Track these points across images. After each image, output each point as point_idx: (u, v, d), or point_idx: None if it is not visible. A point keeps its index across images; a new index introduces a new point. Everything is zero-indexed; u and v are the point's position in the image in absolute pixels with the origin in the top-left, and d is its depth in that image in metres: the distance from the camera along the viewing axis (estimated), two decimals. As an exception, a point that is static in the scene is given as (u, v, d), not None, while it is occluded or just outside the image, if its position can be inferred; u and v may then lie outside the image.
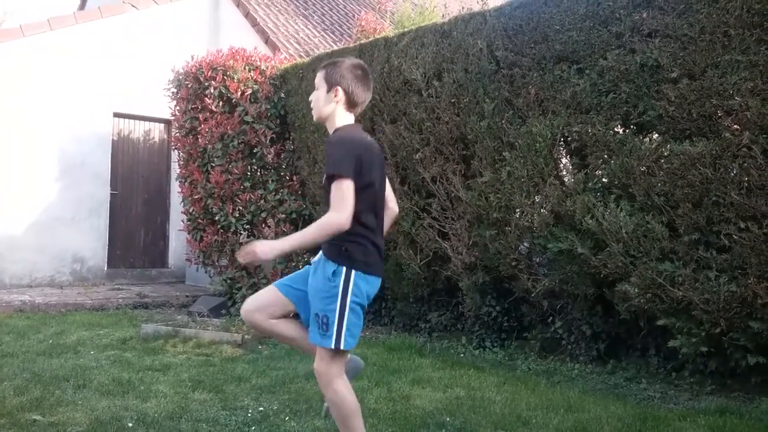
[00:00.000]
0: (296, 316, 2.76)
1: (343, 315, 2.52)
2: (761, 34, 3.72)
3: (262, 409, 3.63)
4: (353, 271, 2.53)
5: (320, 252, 2.67)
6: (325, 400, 2.69)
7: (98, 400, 3.73)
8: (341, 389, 2.55)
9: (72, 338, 5.44)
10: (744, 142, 3.73)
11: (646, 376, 4.46)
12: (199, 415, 3.51)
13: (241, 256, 2.50)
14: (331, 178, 2.48)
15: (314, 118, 2.78)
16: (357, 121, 2.75)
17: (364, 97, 2.70)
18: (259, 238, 6.86)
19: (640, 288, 4.16)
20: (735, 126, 3.82)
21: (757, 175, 3.68)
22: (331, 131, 2.69)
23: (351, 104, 2.68)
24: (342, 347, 2.51)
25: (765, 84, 3.69)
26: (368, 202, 2.57)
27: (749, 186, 3.73)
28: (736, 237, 3.76)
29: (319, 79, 2.71)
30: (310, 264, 2.76)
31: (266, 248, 2.46)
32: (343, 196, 2.44)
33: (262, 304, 2.75)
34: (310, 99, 2.81)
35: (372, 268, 2.60)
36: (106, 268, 9.15)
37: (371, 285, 2.61)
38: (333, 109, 2.67)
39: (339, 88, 2.65)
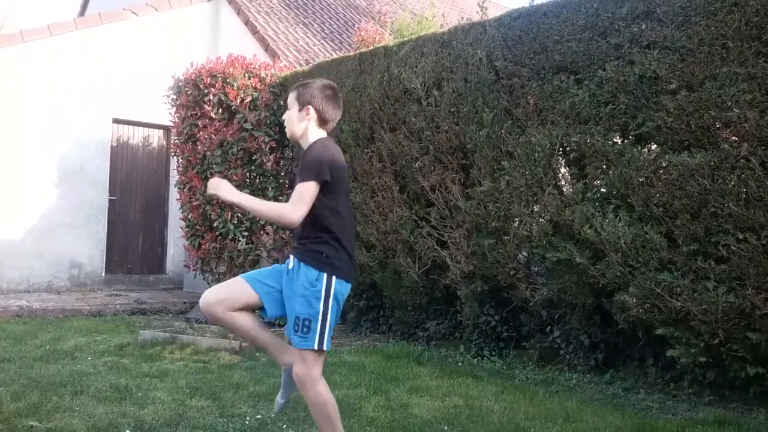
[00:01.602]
0: (260, 312, 2.84)
1: (326, 318, 2.65)
2: (759, 46, 3.74)
3: (259, 416, 3.63)
4: (334, 278, 2.67)
5: (292, 257, 2.77)
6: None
7: (95, 406, 3.72)
8: (323, 390, 2.67)
9: (69, 344, 5.43)
10: (742, 153, 3.75)
11: (644, 386, 4.46)
12: (197, 422, 3.50)
13: (209, 187, 2.66)
14: (302, 179, 2.64)
15: (288, 135, 2.93)
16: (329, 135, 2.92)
17: (334, 115, 2.87)
18: (257, 245, 6.87)
19: (639, 298, 4.17)
20: (733, 137, 3.84)
21: (755, 186, 3.70)
22: (305, 146, 2.83)
23: (322, 122, 2.84)
24: (324, 348, 2.65)
25: (763, 96, 3.72)
26: (347, 210, 2.75)
27: (747, 197, 3.74)
28: (734, 248, 3.77)
29: (292, 99, 2.87)
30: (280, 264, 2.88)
31: (229, 191, 2.63)
32: (306, 196, 2.62)
33: (225, 296, 2.78)
34: (283, 118, 2.96)
35: (348, 275, 2.74)
36: (103, 274, 9.13)
37: (346, 289, 2.75)
38: (305, 126, 2.83)
39: (310, 107, 2.81)
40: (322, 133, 2.84)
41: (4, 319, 6.56)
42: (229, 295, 2.78)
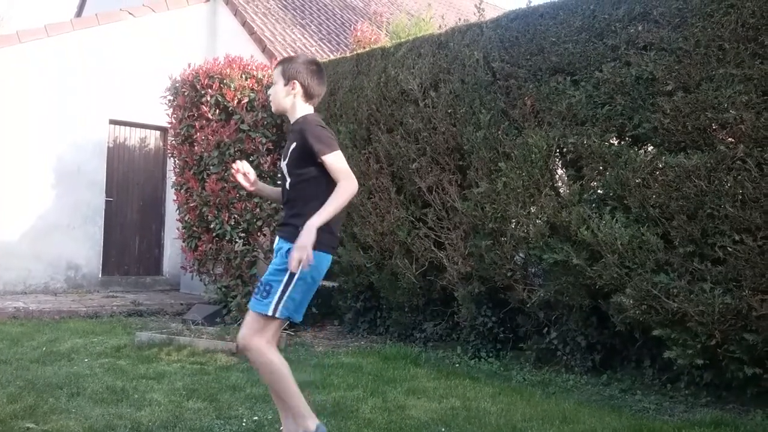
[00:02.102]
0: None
1: (288, 286, 2.70)
2: (755, 48, 3.75)
3: (256, 418, 3.62)
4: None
5: (277, 237, 2.86)
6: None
7: (92, 408, 3.71)
8: (273, 357, 2.72)
9: (66, 346, 5.42)
10: (738, 154, 3.76)
11: (641, 387, 4.46)
12: (193, 424, 3.50)
13: (297, 266, 2.57)
14: (324, 155, 2.71)
15: (273, 110, 3.02)
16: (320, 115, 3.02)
17: (319, 90, 2.96)
18: (254, 246, 6.86)
19: (635, 299, 4.17)
20: (730, 139, 3.85)
21: (751, 187, 3.71)
22: (293, 120, 2.92)
23: (308, 96, 2.93)
24: (277, 315, 2.69)
25: (759, 97, 3.73)
26: (330, 182, 2.76)
27: (744, 198, 3.75)
28: (730, 249, 3.78)
29: (277, 74, 2.95)
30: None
31: (309, 237, 2.56)
32: (345, 165, 2.73)
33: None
34: (268, 93, 3.03)
35: (327, 246, 2.78)
36: (100, 276, 9.11)
37: (325, 262, 2.80)
38: (292, 101, 2.91)
39: (296, 81, 2.90)
40: (309, 108, 2.92)
41: (0, 321, 6.55)
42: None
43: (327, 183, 2.75)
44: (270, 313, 2.69)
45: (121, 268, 9.45)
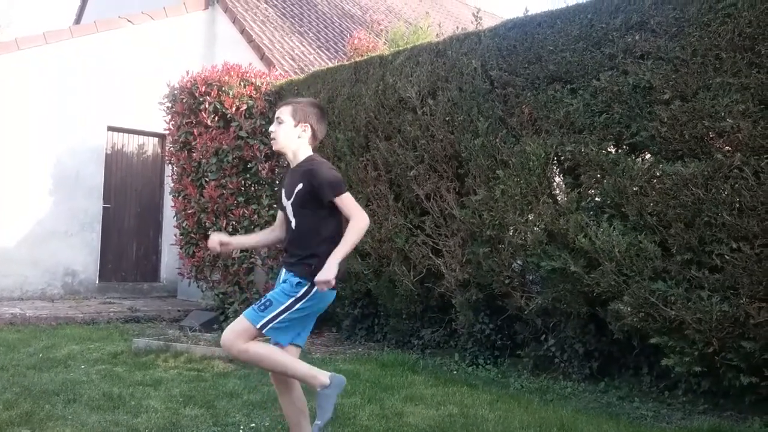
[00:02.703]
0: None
1: (285, 312, 2.79)
2: (752, 57, 3.77)
3: (253, 425, 3.62)
4: (315, 287, 2.79)
5: (284, 269, 2.94)
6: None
7: (88, 415, 3.70)
8: (251, 346, 2.78)
9: (62, 352, 5.41)
10: (735, 163, 3.77)
11: (639, 394, 4.46)
12: (190, 431, 3.49)
13: (324, 287, 2.72)
14: (335, 197, 2.82)
15: (275, 148, 3.05)
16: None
17: (323, 133, 3.08)
18: (252, 253, 6.85)
19: (633, 307, 4.17)
20: (726, 147, 3.87)
21: (748, 196, 3.72)
22: (295, 161, 2.99)
23: (314, 139, 3.03)
24: (263, 331, 2.77)
25: (756, 106, 3.74)
26: (338, 220, 2.90)
27: (741, 207, 3.76)
28: (728, 257, 3.79)
29: (286, 114, 2.99)
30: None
31: (331, 272, 2.68)
32: (355, 204, 2.84)
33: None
34: (270, 130, 3.07)
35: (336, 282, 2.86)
36: (97, 282, 9.10)
37: (330, 296, 2.91)
38: (300, 143, 2.98)
39: (308, 124, 2.98)
40: (310, 150, 3.01)
41: (-4, 327, 6.53)
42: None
43: (336, 222, 2.87)
44: (258, 327, 2.76)
45: (118, 275, 9.43)
